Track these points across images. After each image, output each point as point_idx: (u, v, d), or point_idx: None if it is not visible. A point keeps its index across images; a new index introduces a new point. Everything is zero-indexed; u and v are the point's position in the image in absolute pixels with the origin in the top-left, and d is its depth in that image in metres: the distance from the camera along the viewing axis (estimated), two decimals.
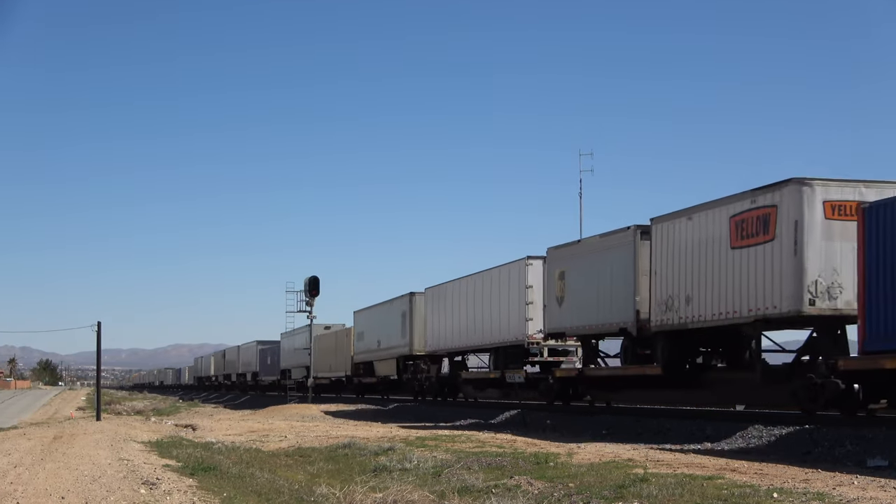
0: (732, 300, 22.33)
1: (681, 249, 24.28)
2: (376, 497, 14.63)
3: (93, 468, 18.99)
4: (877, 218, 18.64)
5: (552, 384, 31.41)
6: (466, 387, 39.91)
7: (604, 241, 28.03)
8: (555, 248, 30.99)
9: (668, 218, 24.99)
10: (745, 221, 21.92)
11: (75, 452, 22.77)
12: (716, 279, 22.89)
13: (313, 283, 53.22)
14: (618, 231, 27.31)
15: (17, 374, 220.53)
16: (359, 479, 16.61)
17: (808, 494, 12.81)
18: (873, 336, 18.66)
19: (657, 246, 25.24)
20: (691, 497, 13.21)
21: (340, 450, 23.13)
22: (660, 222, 25.30)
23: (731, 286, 22.34)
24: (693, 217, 23.91)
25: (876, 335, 18.59)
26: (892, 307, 18.05)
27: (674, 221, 24.70)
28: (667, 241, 24.84)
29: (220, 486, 16.85)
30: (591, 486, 14.70)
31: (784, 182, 20.84)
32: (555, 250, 30.95)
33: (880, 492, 12.97)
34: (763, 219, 21.39)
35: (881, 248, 18.45)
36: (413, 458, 19.57)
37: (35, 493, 15.55)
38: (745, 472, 15.59)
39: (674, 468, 16.29)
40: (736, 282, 22.20)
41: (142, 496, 15.06)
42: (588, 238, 29.51)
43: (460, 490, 15.45)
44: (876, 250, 18.56)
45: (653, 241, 25.44)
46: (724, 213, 22.66)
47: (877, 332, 18.56)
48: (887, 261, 18.23)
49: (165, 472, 18.73)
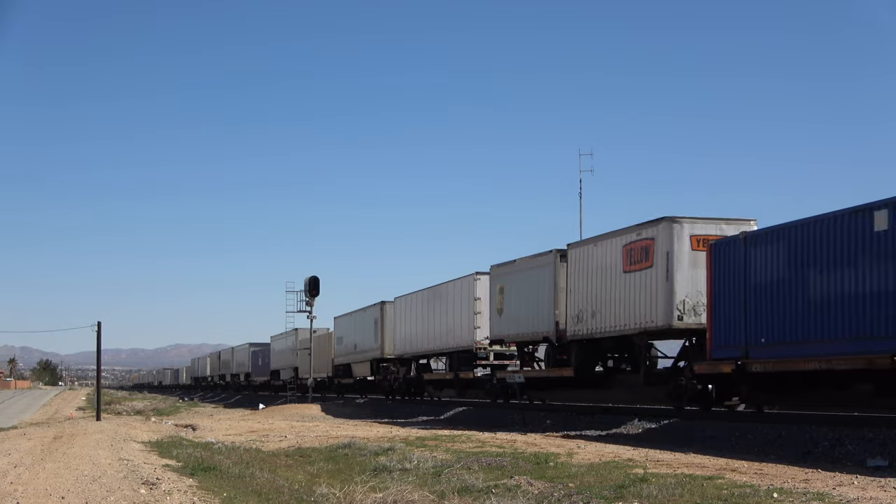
0: (624, 315, 26.74)
1: (588, 271, 28.59)
2: (376, 497, 14.63)
3: (93, 468, 19.00)
4: (720, 252, 23.22)
5: (496, 385, 35.04)
6: (429, 387, 44.08)
7: (533, 261, 32.28)
8: (496, 265, 35.05)
9: (580, 244, 29.45)
10: (633, 250, 26.45)
11: (75, 452, 22.78)
12: (613, 297, 27.32)
13: (313, 283, 53.27)
14: (543, 253, 31.53)
15: (17, 374, 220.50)
16: (359, 479, 16.60)
17: (808, 494, 12.82)
18: (717, 347, 23.26)
19: (571, 268, 29.54)
20: (691, 497, 13.22)
21: (340, 450, 23.15)
22: (574, 247, 29.63)
23: (624, 303, 26.81)
24: (598, 244, 28.21)
25: (719, 346, 23.22)
26: (729, 325, 22.76)
27: (584, 247, 29.04)
28: (578, 264, 29.16)
29: (221, 486, 16.85)
30: (591, 486, 14.72)
31: (659, 219, 25.23)
32: (497, 268, 35.03)
33: (880, 492, 12.98)
34: (645, 249, 25.86)
35: (722, 277, 23.05)
36: (413, 458, 19.59)
37: (35, 493, 15.55)
38: (745, 472, 15.60)
39: (674, 468, 16.30)
40: (627, 300, 26.67)
41: (142, 496, 15.06)
42: (521, 258, 33.34)
43: (460, 490, 15.46)
44: (719, 278, 23.17)
45: (568, 263, 29.73)
46: (619, 243, 27.05)
47: (719, 343, 23.20)
48: (725, 288, 22.90)
49: (165, 472, 18.73)
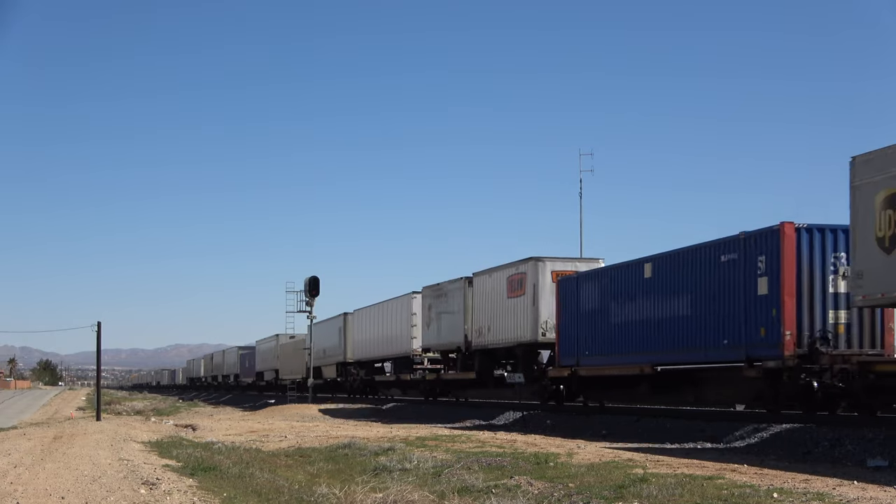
0: (508, 331, 34.39)
1: (485, 296, 36.51)
2: (376, 497, 14.63)
3: (93, 468, 18.99)
4: (563, 286, 30.99)
5: (426, 385, 43.45)
6: (380, 387, 52.05)
7: (451, 285, 39.97)
8: (427, 287, 42.50)
9: (480, 274, 37.27)
10: (513, 281, 34.10)
11: (75, 452, 22.77)
12: (500, 317, 35.04)
13: (313, 283, 53.29)
14: (457, 280, 39.33)
15: (17, 374, 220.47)
16: (359, 479, 16.62)
17: (808, 494, 12.81)
18: (563, 356, 30.71)
19: (475, 292, 37.56)
20: (691, 497, 13.22)
21: (340, 450, 23.15)
22: (477, 276, 37.54)
23: (507, 322, 34.42)
24: (491, 275, 36.13)
25: (563, 356, 30.66)
26: (569, 340, 30.21)
27: (483, 276, 36.99)
28: (479, 290, 37.17)
29: (220, 486, 16.85)
30: (591, 486, 14.72)
31: (529, 259, 33.13)
32: (427, 289, 42.53)
33: (880, 492, 12.98)
34: (520, 281, 33.51)
35: (564, 304, 30.70)
36: (413, 459, 19.58)
37: (35, 494, 15.54)
38: (745, 472, 15.60)
39: (674, 468, 16.30)
40: (509, 319, 34.31)
41: (142, 496, 15.06)
42: (444, 282, 40.79)
43: (460, 490, 15.46)
44: (562, 305, 30.86)
45: (473, 289, 37.80)
46: (504, 275, 34.87)
47: (563, 354, 30.64)
48: (566, 312, 30.46)
49: (165, 472, 18.73)
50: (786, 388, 21.53)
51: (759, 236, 22.11)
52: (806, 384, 20.91)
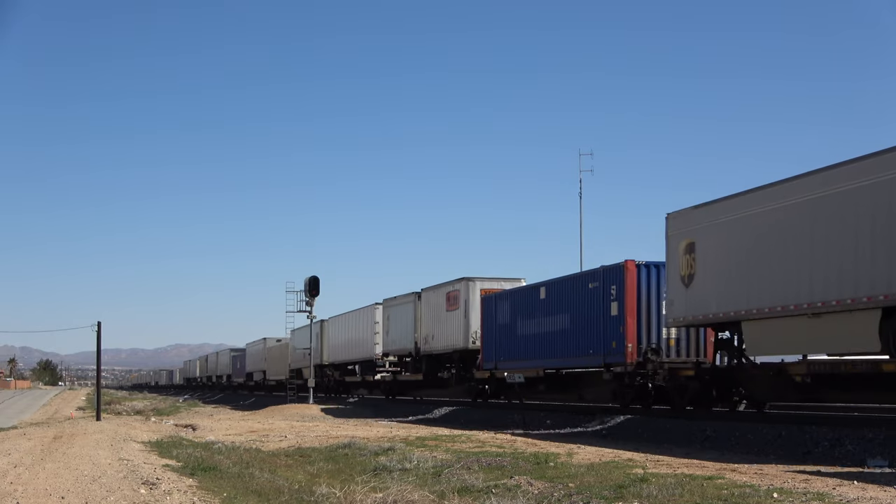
0: (447, 339, 40.40)
1: (430, 308, 42.38)
2: (376, 497, 14.62)
3: (93, 468, 18.98)
4: (485, 303, 36.60)
5: (384, 385, 50.23)
6: (350, 387, 58.43)
7: (404, 298, 45.90)
8: (387, 299, 48.73)
9: (428, 290, 42.85)
10: (450, 297, 40.28)
11: (75, 452, 22.75)
12: (441, 327, 41.02)
13: (313, 283, 53.25)
14: (409, 294, 45.33)
15: (17, 374, 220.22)
16: (359, 479, 16.61)
17: (808, 494, 12.81)
18: (485, 361, 36.38)
19: (423, 305, 43.34)
20: (691, 497, 13.21)
21: (340, 450, 23.14)
22: (425, 291, 43.28)
23: (446, 331, 40.51)
24: (434, 291, 42.05)
25: (485, 360, 36.32)
26: (489, 348, 35.85)
27: (429, 292, 42.73)
28: (426, 303, 42.86)
29: (220, 486, 16.84)
30: (591, 486, 14.71)
31: (462, 279, 39.19)
32: (386, 301, 48.78)
33: (880, 492, 12.98)
34: (456, 297, 39.68)
35: (486, 318, 36.28)
36: (413, 458, 19.57)
37: (35, 493, 15.53)
38: (745, 472, 15.60)
39: (674, 468, 16.30)
40: (447, 329, 40.36)
41: (142, 496, 15.05)
42: (399, 296, 46.86)
43: (460, 490, 15.45)
44: (485, 318, 36.41)
45: (422, 302, 43.52)
46: (444, 291, 40.92)
47: (486, 359, 36.28)
48: (487, 324, 36.19)
49: (165, 472, 18.71)
50: (630, 389, 27.35)
51: (611, 269, 27.49)
52: (641, 385, 26.95)
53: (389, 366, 49.14)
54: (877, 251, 18.78)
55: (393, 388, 49.12)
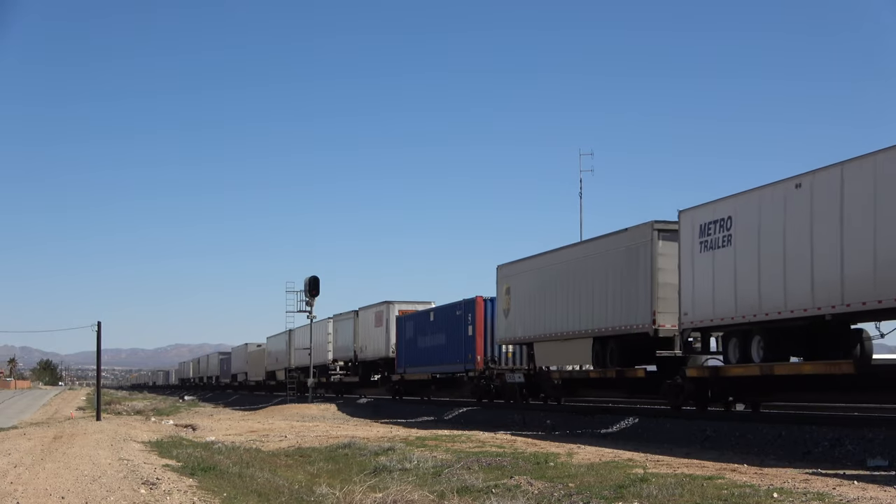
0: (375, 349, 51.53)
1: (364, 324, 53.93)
2: (376, 497, 14.61)
3: (93, 468, 18.96)
4: (399, 322, 47.47)
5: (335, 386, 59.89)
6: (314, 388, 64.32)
7: (347, 315, 57.06)
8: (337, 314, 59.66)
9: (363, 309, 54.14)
10: (377, 316, 51.00)
11: (75, 452, 22.74)
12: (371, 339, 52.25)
13: (313, 283, 53.29)
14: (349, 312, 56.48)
15: (17, 374, 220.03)
16: (359, 479, 16.58)
17: (808, 494, 12.80)
18: (399, 366, 47.02)
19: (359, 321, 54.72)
20: (691, 497, 13.21)
21: (340, 450, 23.14)
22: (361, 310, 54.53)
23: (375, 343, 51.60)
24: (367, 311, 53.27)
25: (399, 366, 46.87)
26: (401, 356, 46.66)
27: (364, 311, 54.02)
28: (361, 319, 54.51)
29: (220, 486, 16.83)
30: (591, 486, 14.71)
31: (384, 302, 50.13)
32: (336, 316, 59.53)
33: (880, 492, 12.97)
34: (380, 315, 50.46)
35: (399, 334, 47.19)
36: (413, 458, 19.58)
37: (35, 493, 15.52)
38: (745, 472, 15.60)
39: (674, 468, 16.30)
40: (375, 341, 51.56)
41: (142, 496, 15.04)
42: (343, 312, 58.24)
43: (460, 490, 15.45)
44: (398, 334, 47.38)
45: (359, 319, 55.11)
46: (373, 311, 51.69)
47: (399, 364, 46.90)
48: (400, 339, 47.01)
49: (165, 472, 18.70)
50: (480, 388, 38.08)
51: (469, 302, 38.55)
52: (486, 386, 37.58)
53: (339, 369, 58.96)
54: (592, 302, 28.79)
55: (340, 388, 59.59)
